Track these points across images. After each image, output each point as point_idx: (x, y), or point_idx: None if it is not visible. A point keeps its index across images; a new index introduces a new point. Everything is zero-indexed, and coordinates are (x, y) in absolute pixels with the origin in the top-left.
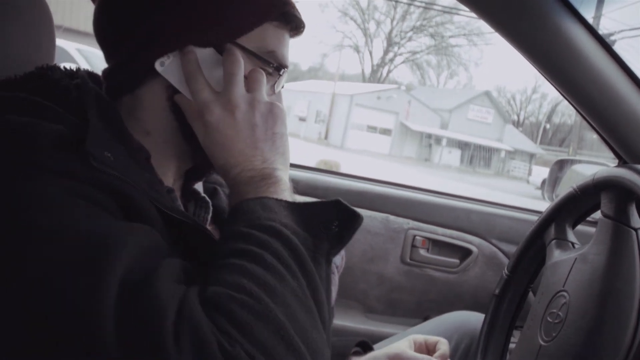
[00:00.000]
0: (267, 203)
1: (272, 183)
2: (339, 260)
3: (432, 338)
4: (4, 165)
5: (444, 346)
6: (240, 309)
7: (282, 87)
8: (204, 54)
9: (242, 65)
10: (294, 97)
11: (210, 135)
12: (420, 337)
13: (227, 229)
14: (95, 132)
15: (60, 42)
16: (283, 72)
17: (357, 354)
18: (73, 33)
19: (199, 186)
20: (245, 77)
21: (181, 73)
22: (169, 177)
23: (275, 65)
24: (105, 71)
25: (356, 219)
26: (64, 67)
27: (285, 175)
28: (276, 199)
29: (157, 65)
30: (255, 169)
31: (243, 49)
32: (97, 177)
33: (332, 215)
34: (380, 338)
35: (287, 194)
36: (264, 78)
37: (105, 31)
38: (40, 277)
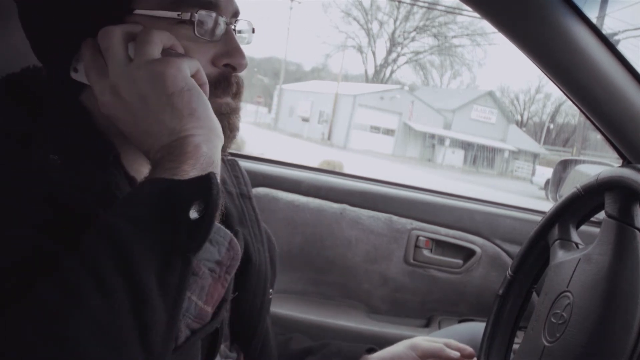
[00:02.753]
0: (143, 189)
1: (177, 155)
2: (217, 254)
3: (439, 341)
4: None
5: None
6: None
7: (236, 31)
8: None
9: (114, 34)
10: (297, 97)
11: (120, 128)
12: (425, 343)
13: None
14: (43, 134)
15: None
16: (211, 14)
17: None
18: None
19: None
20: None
21: None
22: (143, 172)
23: (180, 14)
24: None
25: (211, 198)
26: None
27: (202, 138)
28: (157, 179)
29: (72, 74)
30: (164, 145)
31: (142, 15)
32: (30, 179)
33: (196, 196)
34: (383, 338)
35: (195, 165)
36: (148, 36)
37: (31, 44)
38: None
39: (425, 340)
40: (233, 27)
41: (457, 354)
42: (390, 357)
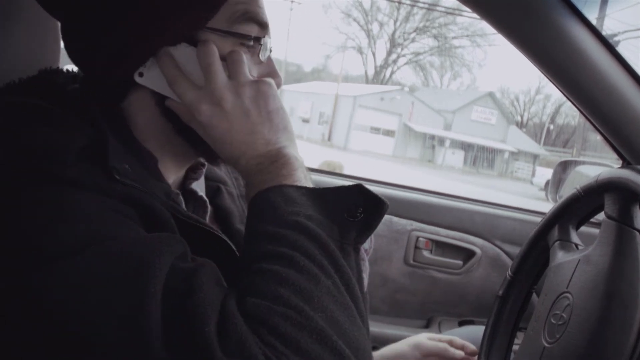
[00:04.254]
0: (287, 193)
1: (282, 164)
2: (367, 244)
3: (443, 339)
4: (30, 182)
5: (459, 341)
6: (283, 321)
7: (271, 51)
8: (178, 52)
9: (215, 52)
10: (297, 98)
11: (208, 133)
12: (429, 343)
13: (253, 228)
14: (114, 143)
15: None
16: (265, 36)
17: None
18: None
19: (199, 185)
20: (224, 60)
21: (163, 77)
22: (170, 179)
23: (253, 36)
24: (84, 85)
25: (382, 205)
26: (66, 70)
27: (293, 150)
28: (296, 187)
29: (137, 77)
30: (261, 154)
31: (215, 31)
32: (120, 189)
33: (355, 201)
34: (383, 339)
35: (301, 174)
36: (242, 57)
37: (76, 45)
38: (80, 289)
39: (429, 338)
40: (271, 48)
41: (461, 353)
42: (393, 356)
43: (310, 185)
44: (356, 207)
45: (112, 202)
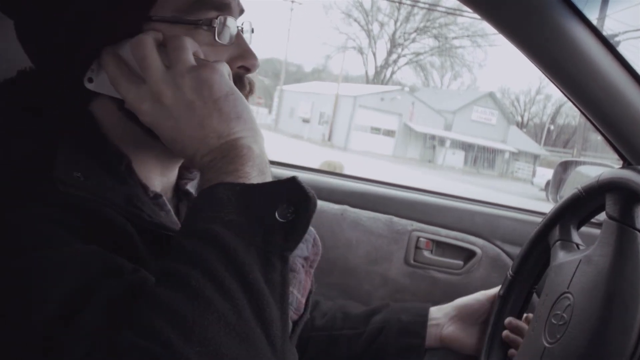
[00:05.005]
0: (216, 194)
1: (232, 158)
2: (305, 251)
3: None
4: None
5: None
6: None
7: (244, 30)
8: (123, 50)
9: (147, 42)
10: (298, 98)
11: (162, 136)
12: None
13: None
14: (64, 152)
15: None
16: (220, 17)
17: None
18: None
19: (195, 185)
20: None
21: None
22: (155, 179)
23: (202, 19)
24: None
25: (309, 202)
26: None
27: (251, 141)
28: (230, 185)
29: (86, 83)
30: (213, 149)
31: (162, 22)
32: (65, 199)
33: (285, 199)
34: None
35: (252, 168)
36: (183, 43)
37: (28, 49)
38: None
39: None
40: (241, 27)
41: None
42: (463, 304)
43: (265, 180)
44: (288, 206)
45: (51, 211)
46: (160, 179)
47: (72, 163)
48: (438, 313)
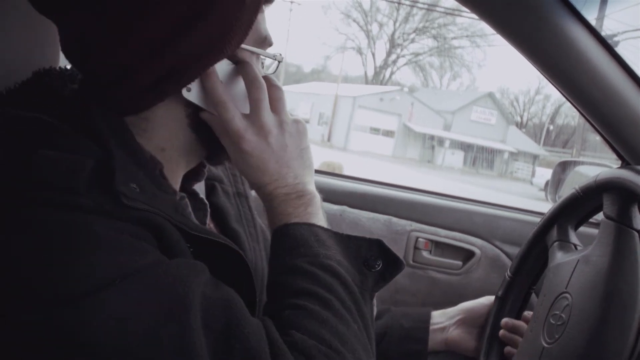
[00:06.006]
0: (317, 233)
1: (308, 201)
2: None
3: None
4: (45, 214)
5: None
6: None
7: (278, 61)
8: (220, 67)
9: (264, 86)
10: (297, 99)
11: (244, 159)
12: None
13: (286, 261)
14: (121, 165)
15: None
16: (279, 53)
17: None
18: None
19: (198, 185)
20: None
21: (205, 93)
22: (177, 182)
23: (276, 55)
24: (87, 88)
25: (400, 264)
26: (60, 69)
27: (313, 186)
28: (324, 229)
29: (184, 92)
30: (289, 185)
31: (245, 50)
32: (131, 213)
33: (375, 254)
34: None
35: (323, 214)
36: (284, 94)
37: (91, 51)
38: (120, 322)
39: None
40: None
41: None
42: (469, 308)
43: (326, 224)
44: (375, 259)
45: (127, 226)
46: (178, 181)
47: (125, 173)
48: (442, 317)
